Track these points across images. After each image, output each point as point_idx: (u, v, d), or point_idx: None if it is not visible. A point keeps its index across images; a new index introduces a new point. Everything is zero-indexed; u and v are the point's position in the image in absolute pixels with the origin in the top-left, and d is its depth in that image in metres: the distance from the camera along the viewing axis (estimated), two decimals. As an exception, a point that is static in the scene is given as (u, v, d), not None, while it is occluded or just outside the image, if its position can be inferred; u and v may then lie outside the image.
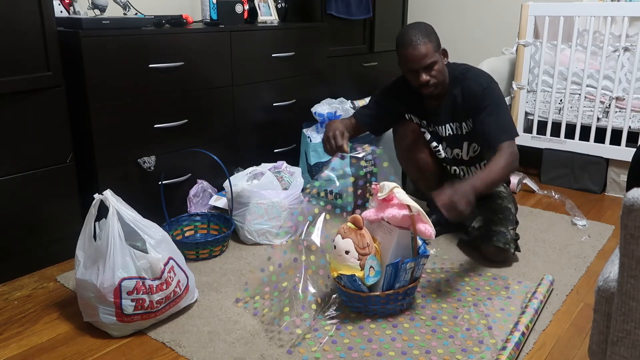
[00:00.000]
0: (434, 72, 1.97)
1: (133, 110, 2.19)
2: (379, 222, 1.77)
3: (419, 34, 1.93)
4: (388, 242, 1.73)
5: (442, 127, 2.14)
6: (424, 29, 1.96)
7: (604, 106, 2.82)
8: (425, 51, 1.92)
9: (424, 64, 1.94)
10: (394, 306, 1.74)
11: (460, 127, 2.11)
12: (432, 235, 1.69)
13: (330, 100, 2.80)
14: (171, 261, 1.68)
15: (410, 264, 1.68)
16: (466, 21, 3.88)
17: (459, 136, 2.14)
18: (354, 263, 1.66)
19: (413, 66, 1.95)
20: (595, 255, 2.18)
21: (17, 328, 1.71)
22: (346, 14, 3.10)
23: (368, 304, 1.72)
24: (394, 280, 1.69)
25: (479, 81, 2.02)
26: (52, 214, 2.05)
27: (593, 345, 1.14)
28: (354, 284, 1.68)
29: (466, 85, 2.03)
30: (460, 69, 2.07)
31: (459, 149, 2.17)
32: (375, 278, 1.68)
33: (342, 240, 1.68)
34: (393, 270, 1.67)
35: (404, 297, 1.74)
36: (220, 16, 2.53)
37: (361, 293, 1.69)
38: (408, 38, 1.93)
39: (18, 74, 1.87)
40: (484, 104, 1.98)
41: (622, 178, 2.83)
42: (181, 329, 1.68)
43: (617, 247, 1.06)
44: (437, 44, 1.98)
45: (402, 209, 1.68)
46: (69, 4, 2.23)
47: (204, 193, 2.45)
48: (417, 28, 1.95)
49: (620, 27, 2.95)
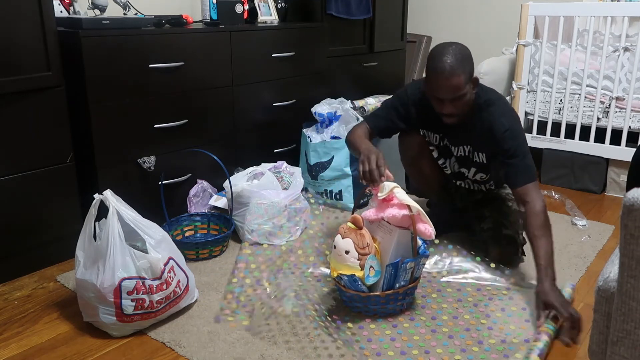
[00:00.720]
0: (459, 105, 1.85)
1: (133, 110, 2.19)
2: (379, 222, 1.77)
3: (456, 63, 1.77)
4: (388, 242, 1.73)
5: (456, 147, 2.07)
6: (461, 55, 1.80)
7: (604, 106, 2.82)
8: (457, 84, 1.78)
9: (453, 96, 1.81)
10: (394, 306, 1.74)
11: (472, 154, 2.05)
12: (432, 235, 1.69)
13: (330, 100, 2.80)
14: (171, 261, 1.68)
15: (410, 264, 1.68)
16: (466, 21, 3.88)
17: (469, 160, 2.08)
18: (353, 263, 1.66)
19: (440, 95, 1.83)
20: (595, 255, 2.18)
21: (17, 328, 1.71)
22: (346, 14, 3.10)
23: (368, 303, 1.72)
24: (394, 280, 1.69)
25: (501, 120, 1.90)
26: (52, 214, 2.05)
27: (593, 345, 1.14)
28: (354, 284, 1.68)
29: (487, 121, 1.93)
30: (484, 99, 1.94)
31: (466, 169, 2.12)
32: (375, 278, 1.68)
33: (342, 240, 1.68)
34: (393, 270, 1.67)
35: (404, 297, 1.74)
36: (220, 16, 2.53)
37: (361, 293, 1.69)
38: (443, 65, 1.77)
39: (18, 74, 1.87)
40: (505, 147, 1.89)
41: (622, 178, 2.83)
42: (181, 329, 1.68)
43: (617, 247, 1.06)
44: (470, 73, 1.83)
45: (402, 209, 1.68)
46: (69, 4, 2.23)
47: (204, 193, 2.45)
48: (454, 54, 1.78)
49: (620, 27, 2.95)
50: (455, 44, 1.84)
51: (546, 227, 1.82)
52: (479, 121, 1.94)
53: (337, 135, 2.65)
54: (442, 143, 2.10)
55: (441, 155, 2.15)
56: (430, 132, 2.09)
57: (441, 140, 2.09)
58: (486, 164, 2.05)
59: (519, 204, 1.88)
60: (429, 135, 2.11)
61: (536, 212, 1.82)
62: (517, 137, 1.90)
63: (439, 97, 1.83)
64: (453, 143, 2.07)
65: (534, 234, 1.81)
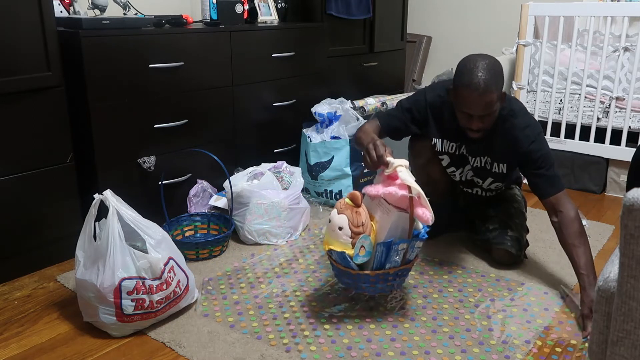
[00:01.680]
0: (488, 121, 1.81)
1: (133, 110, 2.19)
2: (379, 199, 1.71)
3: (490, 80, 1.71)
4: (385, 222, 1.67)
5: (474, 157, 2.03)
6: (494, 71, 1.73)
7: (604, 106, 2.82)
8: (489, 101, 1.73)
9: (484, 113, 1.77)
10: (383, 286, 1.71)
11: (492, 165, 2.01)
12: (429, 221, 1.62)
13: (330, 100, 2.80)
14: (171, 261, 1.68)
15: (402, 245, 1.64)
16: (466, 21, 3.88)
17: (487, 171, 2.04)
18: (345, 240, 1.64)
19: (471, 111, 1.78)
20: (595, 255, 2.18)
21: (17, 328, 1.71)
22: (346, 14, 3.10)
23: (357, 281, 1.70)
24: (385, 260, 1.66)
25: (526, 132, 1.88)
26: (52, 214, 2.05)
27: (593, 345, 1.14)
28: (344, 261, 1.66)
29: (511, 133, 1.90)
30: (507, 109, 1.90)
31: (482, 180, 2.09)
32: (364, 258, 1.65)
33: (337, 216, 1.64)
34: (385, 250, 1.63)
35: (394, 277, 1.71)
36: (220, 16, 2.53)
37: (351, 270, 1.67)
38: (477, 81, 1.71)
39: (18, 74, 1.87)
40: (534, 157, 1.88)
41: (622, 178, 2.83)
42: (181, 329, 1.68)
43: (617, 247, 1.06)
44: (501, 89, 1.78)
45: (403, 189, 1.62)
46: (69, 4, 2.23)
47: (204, 193, 2.45)
48: (488, 70, 1.72)
49: (620, 27, 2.95)
50: (488, 57, 1.77)
51: (582, 235, 1.81)
52: (502, 132, 1.91)
53: (337, 135, 2.65)
54: (459, 152, 2.05)
55: (454, 164, 2.09)
56: (447, 140, 2.04)
57: (458, 148, 2.04)
58: (505, 174, 2.02)
59: (551, 213, 1.87)
60: (445, 143, 2.05)
61: (571, 220, 1.82)
62: (543, 148, 1.89)
63: (470, 112, 1.78)
64: (471, 153, 2.02)
65: (572, 244, 1.80)
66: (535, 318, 1.75)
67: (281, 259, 2.14)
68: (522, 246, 2.06)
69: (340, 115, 2.70)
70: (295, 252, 2.19)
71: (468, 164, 2.06)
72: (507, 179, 2.09)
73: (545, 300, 1.85)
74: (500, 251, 2.05)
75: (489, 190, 2.15)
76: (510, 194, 2.19)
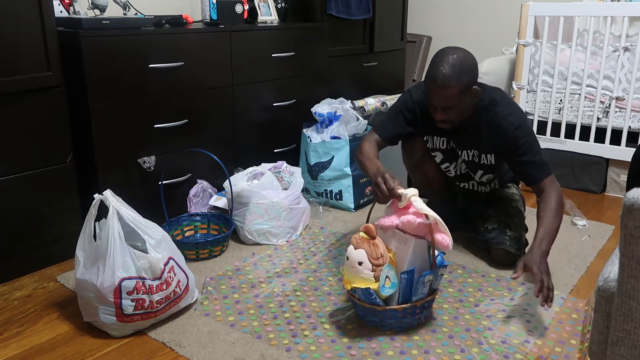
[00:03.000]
0: (452, 114, 1.84)
1: (133, 110, 2.19)
2: (393, 231, 1.69)
3: (452, 74, 1.75)
4: (403, 252, 1.65)
5: (463, 151, 2.06)
6: (460, 66, 1.76)
7: (604, 106, 2.82)
8: (449, 95, 1.77)
9: (443, 106, 1.82)
10: (411, 320, 1.66)
11: (479, 157, 2.04)
12: (449, 246, 1.61)
13: (330, 100, 2.80)
14: (171, 261, 1.68)
15: (428, 276, 1.60)
16: (466, 21, 3.88)
17: (476, 163, 2.07)
18: (367, 275, 1.59)
19: (432, 102, 1.85)
20: (595, 255, 2.18)
21: (17, 328, 1.71)
22: (346, 14, 3.10)
23: (384, 317, 1.64)
24: (410, 292, 1.61)
25: (509, 119, 1.89)
26: (52, 214, 2.05)
27: (593, 345, 1.14)
28: (369, 298, 1.60)
29: (494, 121, 1.92)
30: (488, 99, 1.93)
31: (473, 172, 2.11)
32: (391, 289, 1.60)
33: (355, 251, 1.60)
34: (409, 279, 1.59)
35: (421, 310, 1.67)
36: (220, 16, 2.53)
37: (377, 307, 1.62)
38: (439, 73, 1.76)
39: (18, 74, 1.87)
40: (519, 144, 1.89)
41: (622, 178, 2.83)
42: (181, 329, 1.68)
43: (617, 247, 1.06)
44: (467, 85, 1.79)
45: (419, 217, 1.60)
46: (69, 4, 2.23)
47: (204, 193, 2.45)
48: (453, 64, 1.76)
49: (620, 27, 2.95)
50: (459, 51, 1.79)
51: (556, 209, 1.85)
52: (486, 123, 1.93)
53: (337, 135, 2.65)
54: (449, 146, 2.08)
55: (446, 159, 2.13)
56: (437, 136, 2.08)
57: (447, 143, 2.07)
58: (494, 165, 2.04)
59: (538, 195, 1.92)
60: (435, 139, 2.09)
61: (550, 197, 1.87)
62: (528, 133, 1.91)
63: (432, 104, 1.85)
64: (460, 147, 2.06)
65: (542, 215, 1.85)
66: (536, 318, 1.75)
67: (281, 259, 2.14)
68: (521, 245, 2.06)
69: (340, 115, 2.70)
70: (295, 252, 2.19)
71: (459, 157, 2.09)
72: (498, 171, 2.10)
73: (545, 300, 1.85)
74: (499, 251, 2.05)
75: (482, 183, 2.16)
76: (508, 193, 2.19)
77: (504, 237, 2.05)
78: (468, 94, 1.82)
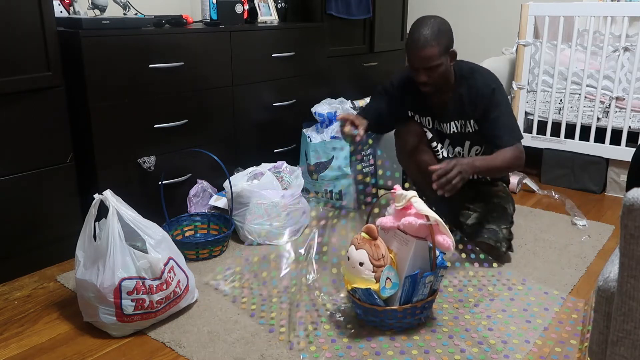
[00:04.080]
0: (434, 75, 1.96)
1: (133, 110, 2.19)
2: (394, 231, 1.70)
3: (429, 35, 1.90)
4: (405, 253, 1.65)
5: (447, 124, 2.13)
6: (437, 28, 1.92)
7: (604, 106, 2.82)
8: (429, 54, 1.91)
9: (425, 66, 1.93)
10: (411, 320, 1.66)
11: (465, 126, 2.11)
12: (450, 247, 1.62)
13: (330, 100, 2.80)
14: (171, 261, 1.68)
15: (429, 277, 1.61)
16: (466, 21, 3.88)
17: (462, 134, 2.14)
18: (368, 275, 1.59)
19: (414, 65, 1.96)
20: (595, 255, 2.18)
21: (17, 328, 1.71)
22: (346, 14, 3.10)
23: (384, 318, 1.64)
24: (411, 294, 1.62)
25: (486, 82, 2.02)
26: (52, 214, 2.05)
27: (593, 345, 1.14)
28: (370, 298, 1.60)
29: (473, 85, 2.03)
30: (467, 68, 2.07)
31: (461, 147, 2.18)
32: (392, 290, 1.61)
33: (356, 252, 1.61)
34: (411, 283, 1.59)
35: (421, 310, 1.67)
36: (220, 16, 2.53)
37: (377, 307, 1.62)
38: (417, 36, 1.91)
39: (18, 74, 1.87)
40: (492, 106, 2.00)
41: (622, 178, 2.83)
42: (181, 329, 1.68)
43: (617, 247, 1.06)
44: (446, 46, 1.95)
45: (420, 218, 1.61)
46: (69, 4, 2.23)
47: (204, 193, 2.45)
48: (429, 27, 1.92)
49: (620, 27, 2.95)
50: (435, 17, 1.97)
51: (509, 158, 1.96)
52: (466, 89, 2.05)
53: (337, 135, 2.65)
54: (434, 125, 2.18)
55: (436, 137, 2.22)
56: (420, 115, 2.19)
57: (432, 122, 2.17)
58: (479, 132, 2.10)
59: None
60: (420, 119, 2.20)
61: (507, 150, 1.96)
62: (504, 95, 2.03)
63: (413, 67, 1.97)
64: (444, 120, 2.14)
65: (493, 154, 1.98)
66: (535, 318, 1.75)
67: (281, 259, 2.14)
68: (500, 238, 2.07)
69: (340, 115, 2.70)
70: (295, 252, 2.19)
71: (446, 134, 2.18)
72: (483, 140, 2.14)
73: (545, 300, 1.85)
74: (479, 245, 2.08)
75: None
76: (492, 191, 2.23)
77: (482, 231, 2.09)
78: (447, 54, 1.96)
